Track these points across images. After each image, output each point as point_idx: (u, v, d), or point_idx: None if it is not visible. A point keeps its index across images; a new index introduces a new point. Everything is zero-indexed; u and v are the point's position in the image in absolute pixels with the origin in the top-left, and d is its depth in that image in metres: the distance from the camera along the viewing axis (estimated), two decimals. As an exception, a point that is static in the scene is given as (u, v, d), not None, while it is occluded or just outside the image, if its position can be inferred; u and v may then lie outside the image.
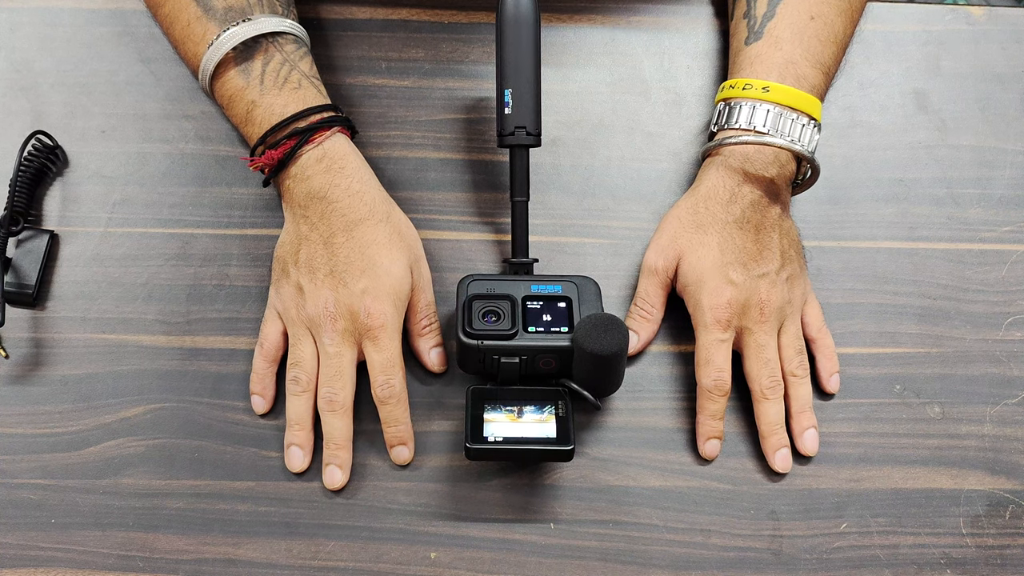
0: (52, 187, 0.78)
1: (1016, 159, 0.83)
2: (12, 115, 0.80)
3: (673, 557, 0.70)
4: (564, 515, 0.71)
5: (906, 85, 0.85)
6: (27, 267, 0.75)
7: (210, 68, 0.74)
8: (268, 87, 0.73)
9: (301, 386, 0.70)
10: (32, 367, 0.73)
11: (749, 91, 0.74)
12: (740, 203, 0.73)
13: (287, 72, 0.73)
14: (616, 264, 0.78)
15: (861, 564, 0.70)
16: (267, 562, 0.69)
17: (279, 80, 0.73)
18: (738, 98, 0.74)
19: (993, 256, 0.79)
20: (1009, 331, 0.77)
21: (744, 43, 0.77)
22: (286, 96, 0.72)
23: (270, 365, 0.72)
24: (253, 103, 0.73)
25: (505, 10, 0.74)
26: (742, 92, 0.74)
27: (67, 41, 0.83)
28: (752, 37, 0.76)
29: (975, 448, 0.74)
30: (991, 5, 1.00)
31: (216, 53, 0.73)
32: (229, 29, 0.73)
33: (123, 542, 0.69)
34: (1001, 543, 0.71)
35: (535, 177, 0.78)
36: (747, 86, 0.74)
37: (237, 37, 0.73)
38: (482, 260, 0.78)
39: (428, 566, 0.69)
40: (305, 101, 0.73)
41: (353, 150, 0.74)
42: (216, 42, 0.73)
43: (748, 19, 0.77)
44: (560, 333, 0.70)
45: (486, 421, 0.68)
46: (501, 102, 0.74)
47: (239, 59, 0.73)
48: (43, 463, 0.71)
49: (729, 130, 0.74)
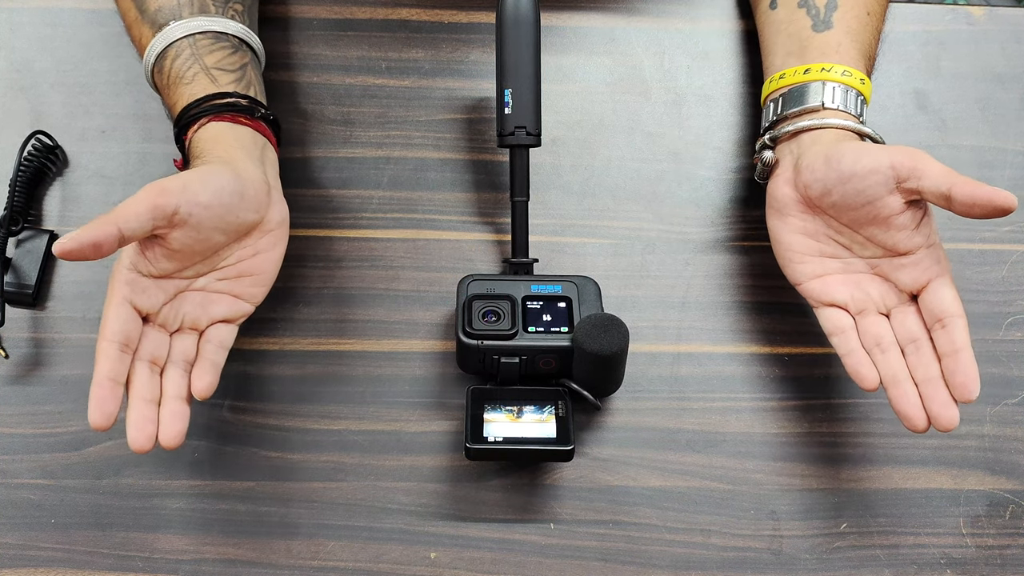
0: (52, 187, 0.78)
1: (1016, 159, 0.83)
2: (12, 115, 0.80)
3: (673, 557, 0.70)
4: (564, 515, 0.71)
5: (906, 85, 0.85)
6: (27, 267, 0.75)
7: (149, 75, 0.73)
8: (171, 87, 0.71)
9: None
10: (32, 367, 0.73)
11: (848, 78, 0.72)
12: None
13: (187, 68, 0.71)
14: (616, 264, 0.78)
15: (861, 564, 0.70)
16: (267, 562, 0.69)
17: (176, 79, 0.71)
18: (839, 83, 0.72)
19: (993, 256, 0.79)
20: (1009, 331, 0.77)
21: (813, 30, 0.75)
22: (177, 95, 0.71)
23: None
24: (168, 107, 0.72)
25: (505, 10, 0.74)
26: (842, 78, 0.72)
27: (67, 41, 0.83)
28: (821, 26, 0.75)
29: (975, 448, 0.74)
30: (991, 5, 1.00)
31: (151, 56, 0.72)
32: (159, 32, 0.72)
33: (123, 542, 0.69)
34: (1001, 543, 0.71)
35: (535, 177, 0.78)
36: (846, 72, 0.72)
37: (160, 44, 0.72)
38: (482, 260, 0.78)
39: (428, 566, 0.69)
40: (191, 96, 0.70)
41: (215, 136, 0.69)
42: (148, 48, 0.72)
43: (807, 8, 0.76)
44: (560, 333, 0.70)
45: (486, 421, 0.68)
46: (501, 102, 0.74)
47: (159, 62, 0.72)
48: (43, 463, 0.71)
49: (828, 111, 0.71)
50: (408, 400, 0.73)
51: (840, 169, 0.67)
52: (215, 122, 0.69)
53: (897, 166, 0.65)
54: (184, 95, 0.70)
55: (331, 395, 0.73)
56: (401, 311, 0.76)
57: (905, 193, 0.66)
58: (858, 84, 0.72)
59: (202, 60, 0.71)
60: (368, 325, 0.75)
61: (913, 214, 0.67)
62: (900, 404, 0.65)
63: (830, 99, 0.71)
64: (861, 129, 0.71)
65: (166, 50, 0.72)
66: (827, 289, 0.69)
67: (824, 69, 0.73)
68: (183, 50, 0.71)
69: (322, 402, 0.73)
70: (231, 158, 0.67)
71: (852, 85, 0.72)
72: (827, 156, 0.68)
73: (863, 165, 0.66)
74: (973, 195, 0.63)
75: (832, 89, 0.72)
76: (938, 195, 0.64)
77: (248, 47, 0.75)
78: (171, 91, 0.71)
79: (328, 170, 0.80)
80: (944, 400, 0.64)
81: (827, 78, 0.72)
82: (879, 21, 0.77)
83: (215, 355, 0.66)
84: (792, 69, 0.74)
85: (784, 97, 0.73)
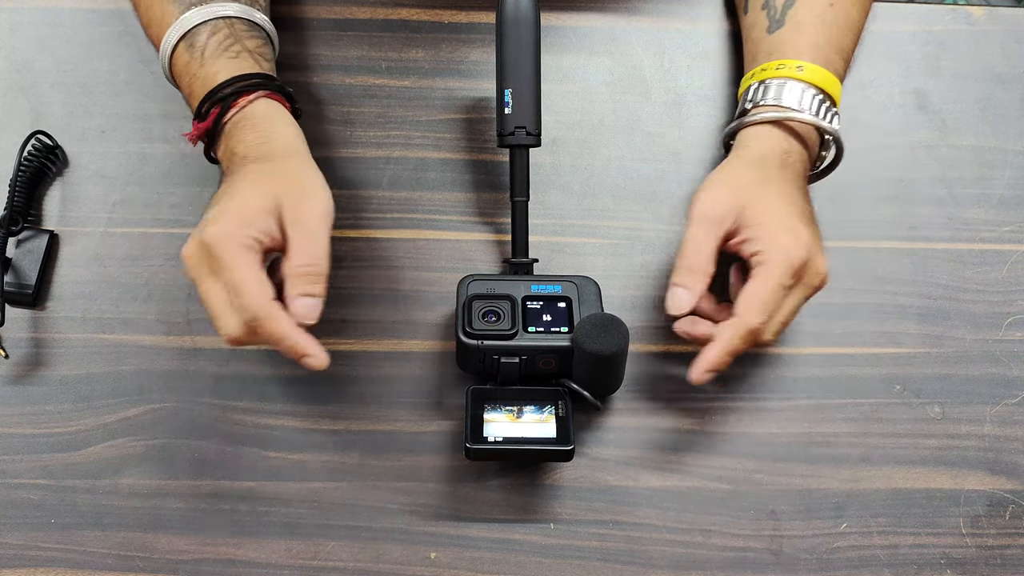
0: (52, 187, 0.78)
1: (1016, 159, 0.83)
2: (12, 115, 0.80)
3: (673, 557, 0.70)
4: (564, 515, 0.71)
5: (906, 85, 0.85)
6: (27, 267, 0.75)
7: (168, 50, 0.73)
8: (208, 59, 0.71)
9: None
10: (32, 367, 0.73)
11: (783, 70, 0.73)
12: (793, 168, 0.72)
13: (229, 44, 0.71)
14: (616, 264, 0.78)
15: (861, 564, 0.70)
16: (267, 562, 0.69)
17: (218, 51, 0.71)
18: (772, 77, 0.73)
19: (993, 256, 0.79)
20: (1009, 331, 0.77)
21: (767, 32, 0.76)
22: (219, 65, 0.71)
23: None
24: (194, 76, 0.71)
25: (505, 10, 0.74)
26: (776, 72, 0.73)
27: (67, 41, 0.83)
28: (774, 26, 0.76)
29: (975, 448, 0.74)
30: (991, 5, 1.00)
31: (174, 34, 0.72)
32: (188, 12, 0.72)
33: (123, 542, 0.69)
34: (1001, 543, 0.71)
35: (535, 177, 0.78)
36: (781, 66, 0.73)
37: (192, 20, 0.72)
38: (482, 260, 0.78)
39: (428, 566, 0.69)
40: (239, 69, 0.70)
41: (274, 114, 0.70)
42: (175, 24, 0.72)
43: (768, 9, 0.77)
44: (560, 333, 0.70)
45: (486, 421, 0.68)
46: (501, 102, 0.74)
47: (189, 37, 0.72)
48: (43, 463, 0.71)
49: (764, 106, 0.73)
50: (408, 400, 0.73)
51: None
52: (268, 99, 0.70)
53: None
54: (229, 67, 0.70)
55: (331, 395, 0.73)
56: (401, 311, 0.76)
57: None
58: (793, 73, 0.72)
59: (243, 42, 0.72)
60: (368, 325, 0.75)
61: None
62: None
63: (760, 96, 0.73)
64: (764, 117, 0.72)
65: (200, 26, 0.72)
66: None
67: (763, 69, 0.74)
68: (220, 28, 0.72)
69: (322, 402, 0.73)
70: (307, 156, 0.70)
71: (787, 76, 0.72)
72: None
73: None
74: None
75: (759, 87, 0.73)
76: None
77: (271, 43, 0.76)
78: (209, 62, 0.71)
79: (328, 170, 0.79)
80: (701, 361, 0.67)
81: (761, 77, 0.74)
82: (848, 12, 0.76)
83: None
84: (746, 75, 0.77)
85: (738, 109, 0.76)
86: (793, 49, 0.74)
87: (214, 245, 0.64)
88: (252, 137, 0.69)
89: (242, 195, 0.66)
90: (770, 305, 0.67)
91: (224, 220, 0.64)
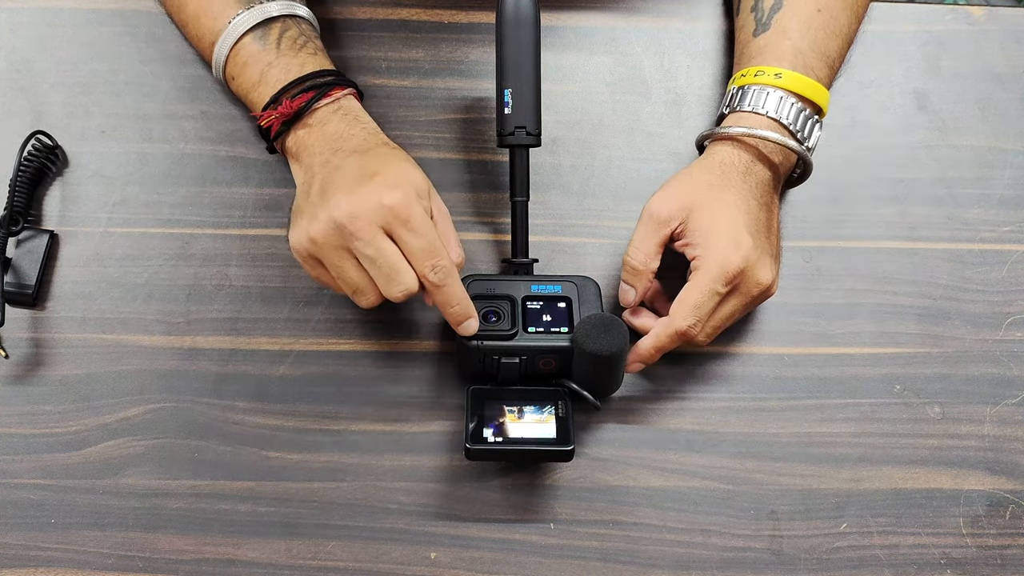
0: (52, 187, 0.78)
1: (1016, 159, 0.83)
2: (12, 115, 0.80)
3: (673, 557, 0.70)
4: (564, 515, 0.71)
5: (906, 85, 0.85)
6: (27, 267, 0.75)
7: (231, 40, 0.74)
8: (285, 51, 0.74)
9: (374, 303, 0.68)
10: (32, 367, 0.73)
11: (761, 77, 0.73)
12: (755, 178, 0.72)
13: (304, 41, 0.75)
14: (616, 264, 0.78)
15: (861, 564, 0.70)
16: (267, 562, 0.69)
17: (296, 46, 0.74)
18: (750, 84, 0.74)
19: (993, 256, 0.79)
20: (1009, 331, 0.77)
21: (752, 35, 0.77)
22: (303, 58, 0.74)
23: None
24: (270, 64, 0.73)
25: (505, 10, 0.74)
26: (754, 79, 0.74)
27: (67, 41, 0.82)
28: (760, 29, 0.76)
29: (975, 448, 0.74)
30: (991, 5, 1.00)
31: (239, 26, 0.74)
32: (251, 7, 0.74)
33: (123, 542, 0.69)
34: (1001, 543, 0.71)
35: (535, 177, 0.78)
36: (759, 72, 0.74)
37: (258, 16, 0.74)
38: (482, 260, 0.78)
39: (428, 566, 0.69)
40: (322, 64, 0.74)
41: (364, 111, 0.74)
42: (237, 19, 0.74)
43: (756, 12, 0.77)
44: (560, 333, 0.70)
45: (486, 421, 0.68)
46: (501, 102, 0.74)
47: (256, 29, 0.74)
48: (43, 463, 0.71)
49: (741, 112, 0.74)
50: (408, 400, 0.73)
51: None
52: (355, 97, 0.75)
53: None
54: (311, 61, 0.74)
55: (331, 395, 0.73)
56: (401, 311, 0.76)
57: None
58: (771, 80, 0.73)
59: (314, 41, 0.76)
60: (368, 325, 0.75)
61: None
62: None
63: (737, 102, 0.74)
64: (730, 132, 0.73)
65: (272, 21, 0.74)
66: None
67: (742, 75, 0.75)
68: (291, 27, 0.75)
69: (322, 402, 0.73)
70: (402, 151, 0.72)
71: (765, 83, 0.73)
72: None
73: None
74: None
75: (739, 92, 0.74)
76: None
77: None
78: (288, 53, 0.74)
79: (328, 170, 0.80)
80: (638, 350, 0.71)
81: (741, 83, 0.74)
82: (837, 18, 0.77)
83: None
84: (731, 78, 0.77)
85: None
86: (775, 55, 0.74)
87: (400, 208, 0.65)
88: (362, 126, 0.72)
89: (402, 165, 0.69)
90: (700, 310, 0.69)
91: (400, 187, 0.66)
